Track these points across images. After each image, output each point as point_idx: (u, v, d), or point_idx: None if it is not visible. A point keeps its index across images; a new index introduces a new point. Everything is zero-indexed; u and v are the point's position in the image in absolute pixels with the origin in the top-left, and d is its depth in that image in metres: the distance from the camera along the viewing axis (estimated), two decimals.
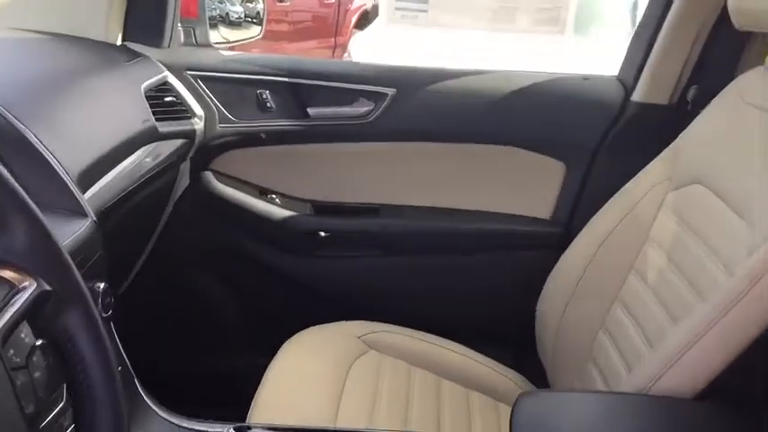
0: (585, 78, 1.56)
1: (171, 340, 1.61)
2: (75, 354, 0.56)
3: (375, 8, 6.75)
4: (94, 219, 0.93)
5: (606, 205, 1.31)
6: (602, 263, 1.25)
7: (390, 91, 1.54)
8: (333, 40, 6.97)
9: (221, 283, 1.67)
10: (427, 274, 1.62)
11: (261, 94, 1.55)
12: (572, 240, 1.35)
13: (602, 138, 1.51)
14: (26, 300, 0.51)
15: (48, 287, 0.54)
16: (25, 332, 0.50)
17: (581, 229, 1.34)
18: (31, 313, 0.51)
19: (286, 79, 1.55)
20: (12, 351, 0.48)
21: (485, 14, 3.89)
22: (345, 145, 1.58)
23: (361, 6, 7.32)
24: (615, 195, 1.30)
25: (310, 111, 1.56)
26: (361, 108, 1.55)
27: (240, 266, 1.64)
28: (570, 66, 1.83)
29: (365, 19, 7.02)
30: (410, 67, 1.59)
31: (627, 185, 1.29)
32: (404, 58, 1.87)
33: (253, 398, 1.19)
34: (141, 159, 1.28)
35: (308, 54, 6.08)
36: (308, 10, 6.22)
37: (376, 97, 1.54)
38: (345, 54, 6.53)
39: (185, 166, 1.56)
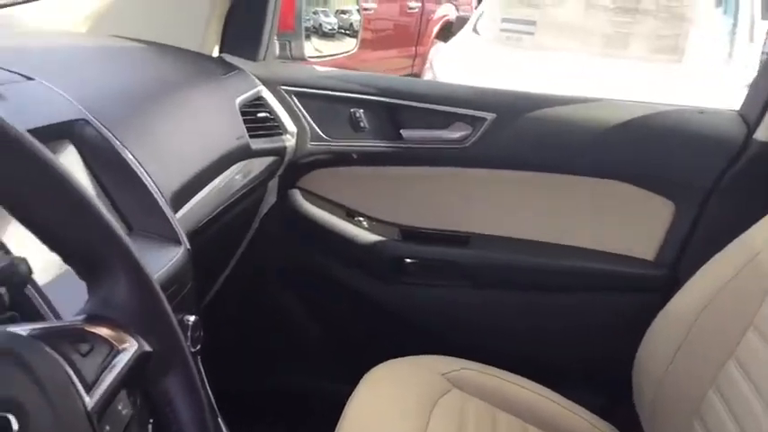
0: (701, 112, 1.45)
1: (251, 358, 1.57)
2: (174, 417, 0.51)
3: (460, 20, 6.67)
4: (188, 247, 0.89)
5: (723, 251, 1.20)
6: (717, 314, 1.14)
7: (490, 116, 1.46)
8: (413, 49, 6.94)
9: (304, 303, 1.62)
10: (516, 310, 1.53)
11: (354, 113, 1.50)
12: (678, 285, 1.24)
13: (719, 177, 1.39)
14: (127, 363, 0.46)
15: (148, 348, 0.49)
16: (123, 403, 0.45)
17: (689, 274, 1.23)
18: (130, 379, 0.46)
19: (381, 99, 1.50)
20: (108, 427, 0.43)
21: (596, 39, 3.74)
22: (439, 169, 1.51)
23: (444, 17, 7.26)
24: (734, 241, 1.19)
25: (404, 132, 1.50)
26: (458, 132, 1.48)
27: (324, 288, 1.59)
28: (688, 97, 1.70)
29: (448, 30, 6.96)
30: (512, 91, 1.51)
31: (748, 232, 1.18)
32: (502, 80, 1.79)
33: (332, 425, 1.14)
34: (232, 177, 1.25)
35: (387, 62, 6.06)
36: (390, 18, 6.21)
37: (474, 121, 1.47)
38: (426, 65, 6.48)
39: (273, 183, 1.52)
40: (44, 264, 0.60)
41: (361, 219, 1.56)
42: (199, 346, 0.82)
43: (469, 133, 1.48)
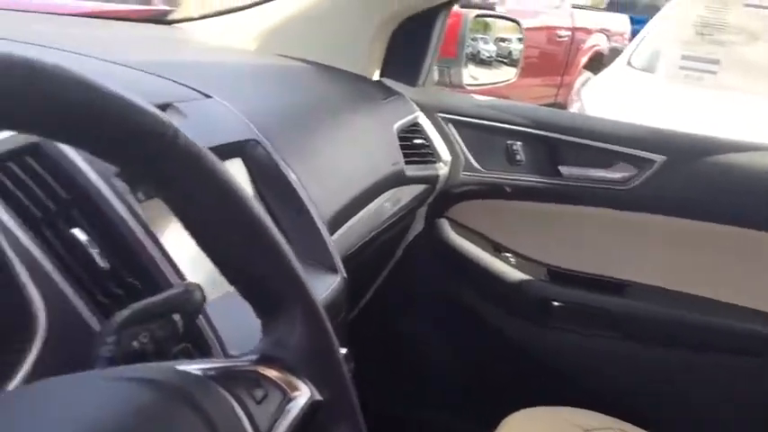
0: None
1: (389, 384, 1.54)
2: None
3: (613, 51, 6.45)
4: (344, 275, 0.86)
5: None
6: None
7: (659, 158, 1.36)
8: (559, 78, 6.77)
9: (444, 335, 1.57)
10: (671, 369, 1.41)
11: (511, 145, 1.44)
12: None
13: None
14: (299, 413, 0.43)
15: (319, 396, 0.45)
16: None
17: None
18: (300, 430, 0.43)
19: (540, 132, 1.44)
20: None
21: None
22: (596, 210, 1.43)
23: (594, 47, 7.04)
24: None
25: (562, 169, 1.43)
26: (621, 173, 1.39)
27: (466, 322, 1.53)
28: None
29: (598, 61, 6.75)
30: (686, 133, 1.41)
31: None
32: (674, 119, 1.68)
33: None
34: (381, 203, 1.23)
35: (531, 90, 5.94)
36: (537, 46, 6.10)
37: (640, 163, 1.38)
38: (573, 96, 6.30)
39: (421, 211, 1.49)
40: (212, 291, 0.59)
41: (508, 255, 1.50)
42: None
43: (634, 175, 1.38)
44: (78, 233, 0.57)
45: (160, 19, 1.45)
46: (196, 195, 0.42)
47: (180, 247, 0.66)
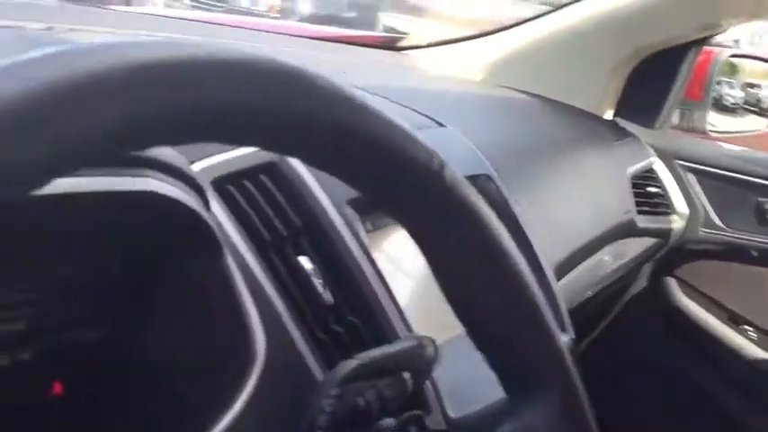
0: None
1: None
2: None
3: None
4: (573, 336, 0.76)
5: None
6: None
7: None
8: None
9: (660, 410, 1.40)
10: None
11: (764, 203, 1.26)
12: None
13: None
14: None
15: None
16: None
17: None
18: None
19: None
20: None
21: None
22: None
23: None
24: None
25: None
26: None
27: (688, 399, 1.35)
28: None
29: None
30: None
31: None
32: None
33: None
34: (603, 255, 1.11)
35: (758, 140, 5.39)
36: None
37: None
38: None
39: (647, 267, 1.34)
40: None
41: (748, 328, 1.31)
42: None
43: None
44: (305, 261, 0.53)
45: (390, 45, 1.44)
46: (455, 238, 0.35)
47: (400, 284, 0.61)
